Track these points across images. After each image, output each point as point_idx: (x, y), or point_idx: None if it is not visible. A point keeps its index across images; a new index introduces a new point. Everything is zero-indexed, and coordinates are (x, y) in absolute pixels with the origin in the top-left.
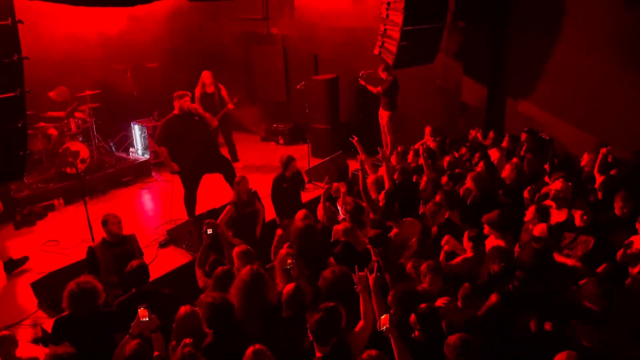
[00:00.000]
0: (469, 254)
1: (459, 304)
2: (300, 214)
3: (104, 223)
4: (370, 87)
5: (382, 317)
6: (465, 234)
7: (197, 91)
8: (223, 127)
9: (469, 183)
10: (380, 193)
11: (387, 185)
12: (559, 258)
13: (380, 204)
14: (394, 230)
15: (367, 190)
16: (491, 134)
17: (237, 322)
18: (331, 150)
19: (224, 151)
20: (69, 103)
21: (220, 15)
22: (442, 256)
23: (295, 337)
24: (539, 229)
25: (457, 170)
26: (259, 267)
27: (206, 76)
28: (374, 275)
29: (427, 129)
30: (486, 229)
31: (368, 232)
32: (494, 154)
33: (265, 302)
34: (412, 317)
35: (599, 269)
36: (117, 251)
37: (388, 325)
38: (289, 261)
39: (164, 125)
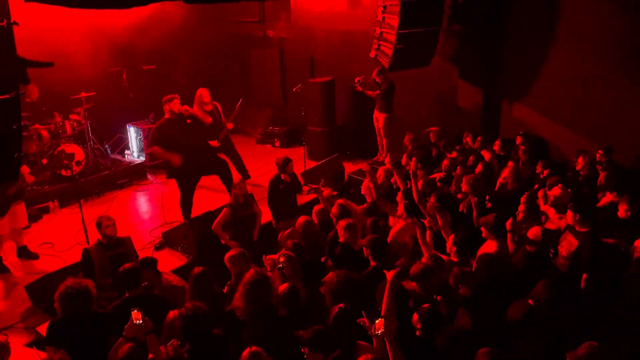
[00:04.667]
0: (453, 258)
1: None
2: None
3: (98, 225)
4: (368, 92)
5: (377, 320)
6: (450, 238)
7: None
8: (225, 147)
9: (464, 187)
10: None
11: (401, 187)
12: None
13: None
14: (391, 234)
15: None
16: (479, 138)
17: (214, 331)
18: (327, 153)
19: (233, 172)
20: (35, 104)
21: (217, 18)
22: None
23: (292, 337)
24: (533, 232)
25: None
26: (262, 269)
27: (205, 95)
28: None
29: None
30: (484, 233)
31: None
32: (485, 155)
33: (268, 304)
34: (415, 316)
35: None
36: (112, 254)
37: (383, 329)
38: (281, 260)
39: (156, 130)
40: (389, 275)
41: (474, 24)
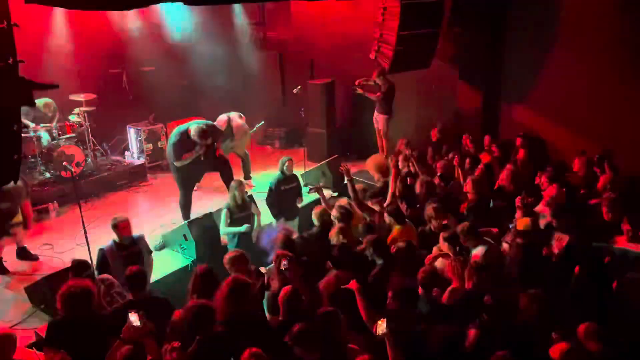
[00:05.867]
0: (447, 252)
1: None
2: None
3: (114, 227)
4: (369, 94)
5: (380, 320)
6: (440, 236)
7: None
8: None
9: (468, 187)
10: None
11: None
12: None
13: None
14: (391, 235)
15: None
16: (487, 137)
17: (220, 329)
18: (327, 154)
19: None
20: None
21: (217, 20)
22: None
23: (273, 345)
24: (523, 223)
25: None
26: (241, 274)
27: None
28: None
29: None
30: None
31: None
32: (484, 158)
33: (248, 309)
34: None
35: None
36: (126, 253)
37: (385, 330)
38: (283, 261)
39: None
40: (354, 284)
41: (473, 26)
